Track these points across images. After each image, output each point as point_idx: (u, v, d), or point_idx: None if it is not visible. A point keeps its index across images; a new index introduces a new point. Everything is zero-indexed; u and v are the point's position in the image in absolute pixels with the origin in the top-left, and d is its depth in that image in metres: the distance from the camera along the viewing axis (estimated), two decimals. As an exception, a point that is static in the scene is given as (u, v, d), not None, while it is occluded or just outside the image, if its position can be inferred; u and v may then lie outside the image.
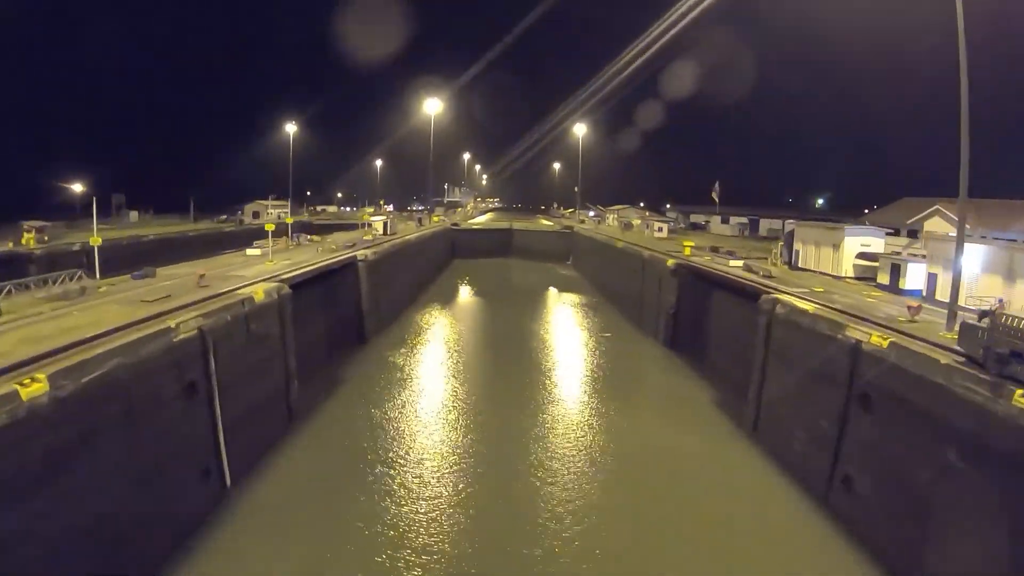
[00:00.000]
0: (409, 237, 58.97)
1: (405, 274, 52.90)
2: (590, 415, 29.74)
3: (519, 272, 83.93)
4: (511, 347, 42.35)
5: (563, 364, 38.78)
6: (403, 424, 27.71)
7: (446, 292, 62.99)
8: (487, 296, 62.73)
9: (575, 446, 25.72)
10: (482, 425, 27.68)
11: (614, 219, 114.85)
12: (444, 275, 75.58)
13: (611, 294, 61.17)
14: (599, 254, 69.55)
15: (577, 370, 37.55)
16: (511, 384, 34.42)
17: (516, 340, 44.23)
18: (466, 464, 23.62)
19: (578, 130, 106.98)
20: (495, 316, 52.98)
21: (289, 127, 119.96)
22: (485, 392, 32.76)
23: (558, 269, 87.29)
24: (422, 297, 58.24)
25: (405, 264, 53.56)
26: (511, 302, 59.69)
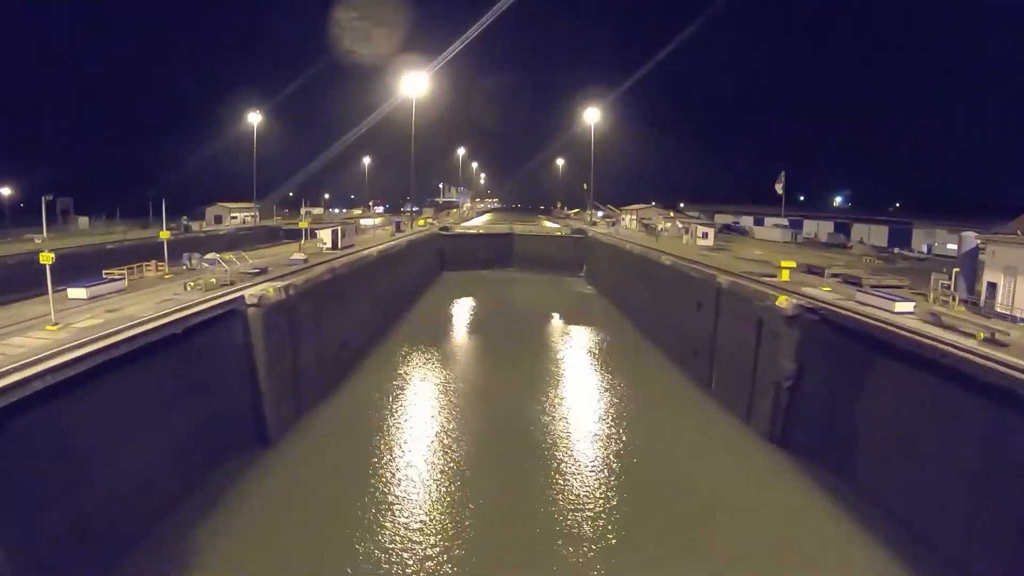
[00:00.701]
0: (369, 251, 42.93)
1: (356, 311, 36.99)
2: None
3: (523, 290, 67.84)
4: (512, 446, 26.00)
5: (604, 487, 22.61)
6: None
7: (423, 328, 46.74)
8: (480, 332, 46.60)
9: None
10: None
11: (631, 221, 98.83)
12: (425, 298, 59.48)
13: (650, 327, 45.18)
14: (627, 268, 53.55)
15: (629, 501, 21.47)
16: (518, 543, 18.53)
17: (520, 431, 27.90)
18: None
19: (590, 116, 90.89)
20: (489, 373, 36.72)
21: (252, 117, 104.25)
22: (472, 557, 16.99)
23: (571, 284, 71.23)
24: (385, 340, 42.06)
25: (358, 294, 37.66)
26: (513, 343, 43.63)
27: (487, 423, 28.25)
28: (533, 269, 79.16)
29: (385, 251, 46.50)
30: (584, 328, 47.62)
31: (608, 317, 52.46)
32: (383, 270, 44.51)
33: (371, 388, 32.35)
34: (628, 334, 46.30)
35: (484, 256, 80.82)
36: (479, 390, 32.62)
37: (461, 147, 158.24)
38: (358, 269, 38.14)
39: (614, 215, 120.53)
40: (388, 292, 45.86)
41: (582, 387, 34.07)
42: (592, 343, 43.55)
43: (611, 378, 35.63)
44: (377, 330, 41.21)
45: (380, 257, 43.78)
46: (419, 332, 44.63)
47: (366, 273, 39.69)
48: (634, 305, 49.67)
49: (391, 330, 43.84)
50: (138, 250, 59.72)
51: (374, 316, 40.61)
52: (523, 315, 52.04)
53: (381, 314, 42.68)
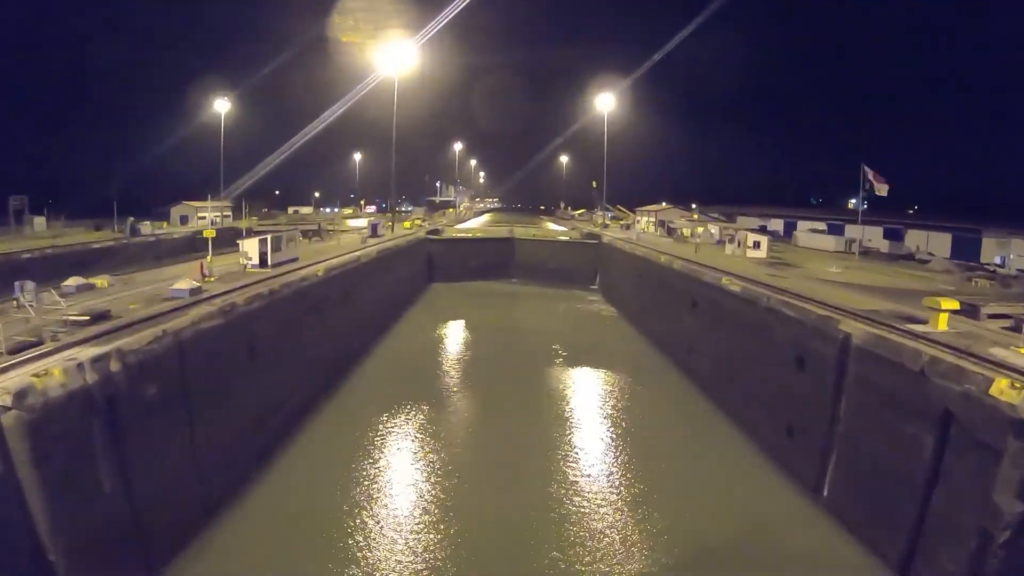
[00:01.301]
0: (313, 270, 30.73)
1: (286, 362, 24.81)
2: None
3: (524, 309, 55.54)
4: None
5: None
6: None
7: (391, 376, 33.80)
8: (465, 386, 33.55)
9: None
10: None
11: (647, 224, 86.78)
12: (402, 324, 47.13)
13: (709, 379, 32.90)
14: (665, 289, 41.35)
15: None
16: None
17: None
18: None
19: (603, 103, 78.84)
20: (476, 468, 24.44)
21: (220, 104, 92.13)
22: None
23: (583, 301, 58.94)
24: (336, 398, 29.57)
25: (288, 338, 25.37)
26: (512, 403, 31.01)
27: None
28: (537, 281, 67.00)
29: (341, 268, 34.29)
30: (611, 376, 35.31)
31: (640, 356, 40.17)
32: (335, 296, 32.33)
33: (293, 493, 20.18)
34: (673, 385, 34.03)
35: (479, 265, 68.67)
36: (461, 501, 20.40)
37: (458, 142, 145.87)
38: (288, 300, 25.92)
39: (624, 216, 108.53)
40: (347, 324, 33.69)
41: (622, 486, 21.88)
42: (625, 402, 31.21)
43: (661, 464, 23.49)
44: (324, 383, 28.94)
45: (329, 279, 31.53)
46: (386, 383, 32.26)
47: (302, 305, 27.47)
48: (678, 342, 37.40)
49: (345, 381, 31.43)
50: (61, 260, 49.59)
51: (318, 364, 28.36)
52: (524, 352, 39.75)
53: (331, 359, 30.45)
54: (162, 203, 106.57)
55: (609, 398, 31.50)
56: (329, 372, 29.77)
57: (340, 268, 33.84)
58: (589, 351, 40.21)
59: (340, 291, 33.23)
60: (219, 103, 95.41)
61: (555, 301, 58.21)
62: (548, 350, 39.63)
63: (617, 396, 31.81)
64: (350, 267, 35.54)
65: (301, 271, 29.88)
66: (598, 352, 40.08)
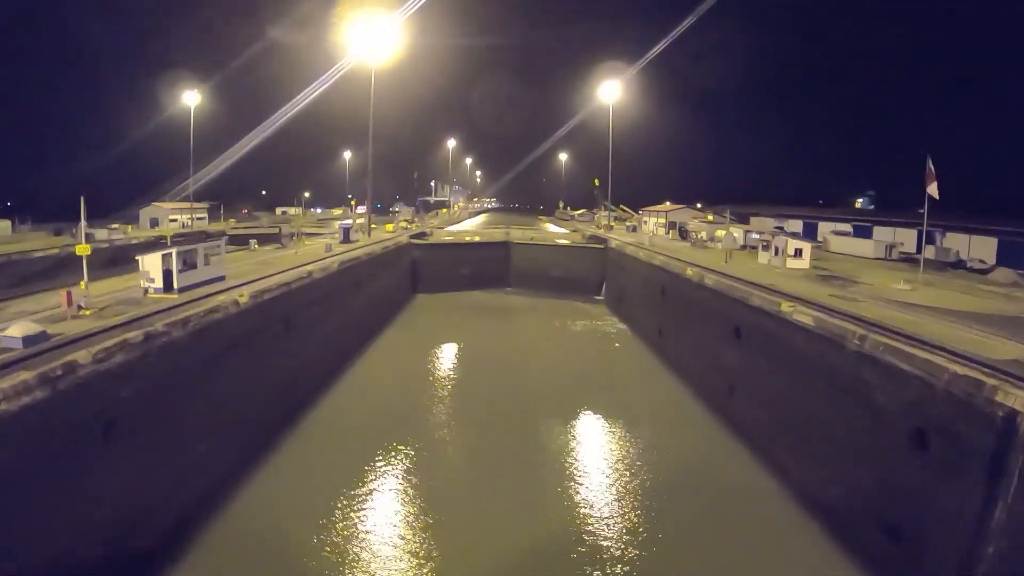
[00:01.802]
0: (234, 295, 23.06)
1: (174, 442, 17.21)
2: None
3: (522, 328, 47.87)
4: None
5: None
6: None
7: (334, 441, 25.98)
8: (439, 446, 25.92)
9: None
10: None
11: (656, 226, 79.18)
12: (369, 351, 39.43)
13: (772, 443, 25.35)
14: (697, 311, 33.69)
15: None
16: None
17: None
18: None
19: (606, 93, 71.33)
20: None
21: (189, 97, 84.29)
22: None
23: (589, 316, 51.23)
24: (262, 475, 22.05)
25: (171, 405, 17.72)
26: (504, 478, 23.33)
27: None
28: (535, 290, 59.44)
29: (279, 290, 26.54)
30: (630, 430, 27.70)
31: (663, 395, 32.63)
32: (268, 328, 24.72)
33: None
34: (709, 437, 26.49)
35: (471, 273, 61.08)
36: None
37: (452, 139, 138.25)
38: (177, 346, 18.28)
39: (628, 216, 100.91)
40: (283, 366, 26.00)
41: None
42: (652, 468, 23.69)
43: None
44: (229, 469, 21.19)
45: (256, 307, 23.85)
46: (331, 452, 24.58)
47: (206, 349, 19.85)
48: (714, 379, 29.83)
49: (272, 455, 23.67)
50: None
51: (223, 439, 20.66)
52: (519, 397, 31.98)
53: (251, 423, 22.78)
54: (135, 203, 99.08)
55: (631, 465, 23.85)
56: (245, 445, 22.06)
57: (278, 290, 26.14)
58: (601, 391, 32.54)
59: (277, 320, 25.59)
60: (188, 95, 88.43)
61: (556, 316, 50.59)
62: (549, 392, 31.97)
63: (642, 460, 24.18)
64: (295, 287, 27.81)
65: (216, 297, 22.25)
66: (612, 392, 32.38)
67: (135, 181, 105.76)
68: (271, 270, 30.41)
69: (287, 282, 27.40)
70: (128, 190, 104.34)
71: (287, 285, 27.15)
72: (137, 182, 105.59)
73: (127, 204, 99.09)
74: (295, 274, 29.14)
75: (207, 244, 25.64)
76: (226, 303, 21.90)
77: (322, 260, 35.25)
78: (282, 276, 28.23)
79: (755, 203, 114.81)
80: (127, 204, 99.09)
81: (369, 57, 53.85)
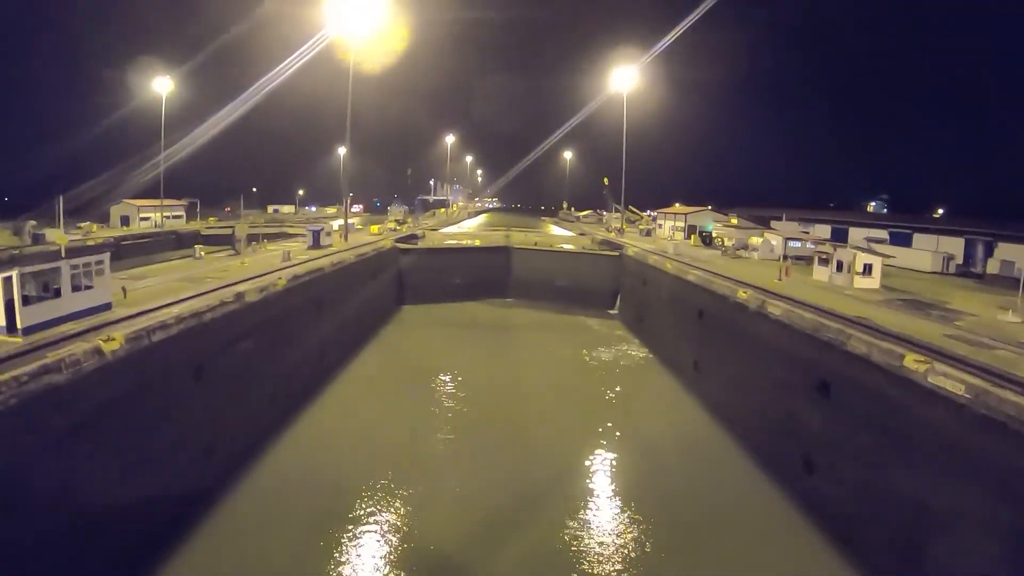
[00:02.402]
0: (102, 341, 15.24)
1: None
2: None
3: (523, 350, 39.99)
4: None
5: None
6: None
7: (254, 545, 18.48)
8: (411, 527, 18.60)
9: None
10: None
11: (672, 230, 71.50)
12: (334, 384, 31.70)
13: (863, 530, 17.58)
14: (758, 349, 25.81)
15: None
16: None
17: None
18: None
19: (620, 82, 63.52)
20: None
21: (159, 84, 76.71)
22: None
23: (604, 339, 43.32)
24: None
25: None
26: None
27: None
28: (539, 302, 51.72)
29: (189, 322, 18.73)
30: (665, 511, 20.02)
31: (703, 450, 24.97)
32: (173, 378, 17.04)
33: None
34: (793, 544, 18.75)
35: (465, 282, 53.36)
36: None
37: (450, 134, 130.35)
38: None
39: (638, 219, 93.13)
40: (190, 430, 18.30)
41: None
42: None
43: None
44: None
45: (142, 354, 16.10)
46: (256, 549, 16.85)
47: (53, 421, 12.17)
48: (789, 444, 22.10)
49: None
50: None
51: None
52: (522, 453, 24.38)
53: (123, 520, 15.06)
54: (110, 199, 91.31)
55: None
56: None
57: (184, 323, 18.39)
58: (624, 447, 24.81)
59: (180, 368, 17.88)
60: (159, 82, 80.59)
61: (564, 336, 42.81)
62: (557, 455, 24.17)
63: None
64: (212, 318, 20.01)
65: (78, 345, 14.55)
66: (638, 451, 24.62)
67: (107, 172, 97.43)
68: (191, 290, 22.67)
69: (200, 311, 19.60)
70: (105, 184, 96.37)
71: (198, 316, 19.34)
72: (109, 173, 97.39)
73: (103, 200, 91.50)
74: (218, 297, 21.33)
75: (79, 260, 17.87)
76: (84, 353, 14.17)
77: (270, 274, 27.47)
78: (198, 301, 20.44)
79: (765, 205, 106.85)
80: (103, 200, 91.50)
81: (351, 31, 46.09)
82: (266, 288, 24.53)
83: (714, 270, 35.39)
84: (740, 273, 34.03)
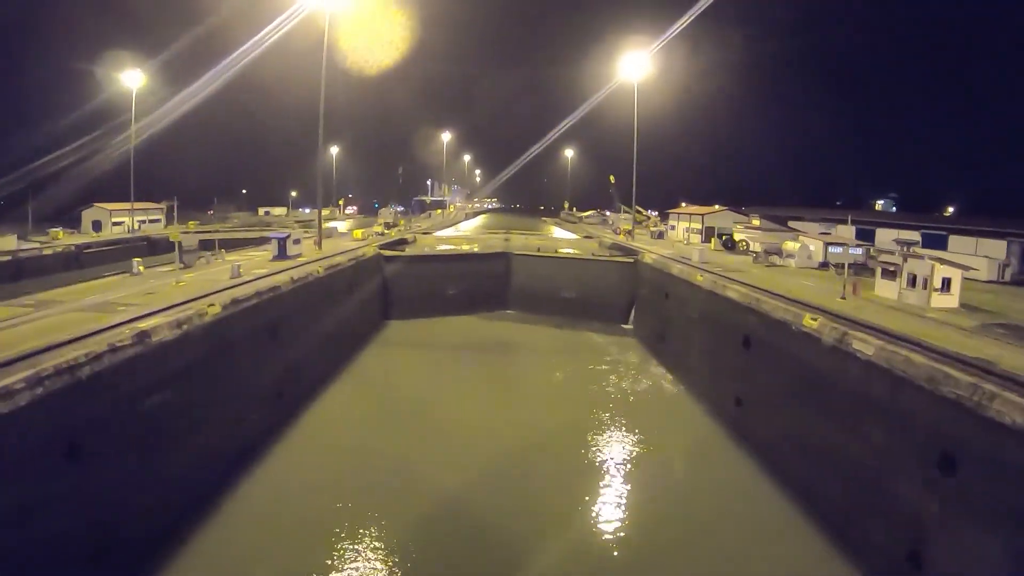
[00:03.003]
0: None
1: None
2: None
3: (527, 376, 33.96)
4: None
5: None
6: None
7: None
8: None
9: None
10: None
11: (686, 231, 65.57)
12: (291, 432, 25.75)
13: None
14: (840, 396, 19.81)
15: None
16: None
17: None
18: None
19: (628, 69, 57.52)
20: None
21: (128, 77, 70.79)
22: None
23: (618, 359, 37.41)
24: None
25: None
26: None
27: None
28: (543, 316, 45.77)
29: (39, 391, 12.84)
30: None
31: (760, 520, 19.13)
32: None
33: None
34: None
35: (459, 293, 47.42)
36: None
37: (446, 131, 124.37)
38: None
39: (644, 219, 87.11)
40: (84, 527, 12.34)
41: None
42: None
43: None
44: None
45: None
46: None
47: None
48: (884, 528, 16.23)
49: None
50: None
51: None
52: (531, 513, 18.65)
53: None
54: (77, 203, 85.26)
55: None
56: None
57: (55, 382, 12.54)
58: (657, 517, 18.98)
59: (55, 441, 12.03)
60: (129, 75, 74.52)
61: (573, 360, 36.81)
62: (572, 534, 18.32)
63: None
64: (86, 375, 14.03)
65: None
66: (683, 532, 18.75)
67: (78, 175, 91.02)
68: (82, 328, 16.74)
69: (78, 363, 13.67)
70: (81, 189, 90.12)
71: (73, 371, 13.40)
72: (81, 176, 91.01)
73: (76, 202, 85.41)
74: (109, 340, 15.34)
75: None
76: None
77: (201, 299, 21.49)
78: (75, 349, 14.48)
79: (769, 203, 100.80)
80: (76, 202, 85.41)
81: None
82: (188, 320, 18.54)
83: (754, 283, 29.48)
84: (788, 288, 28.10)
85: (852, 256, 42.61)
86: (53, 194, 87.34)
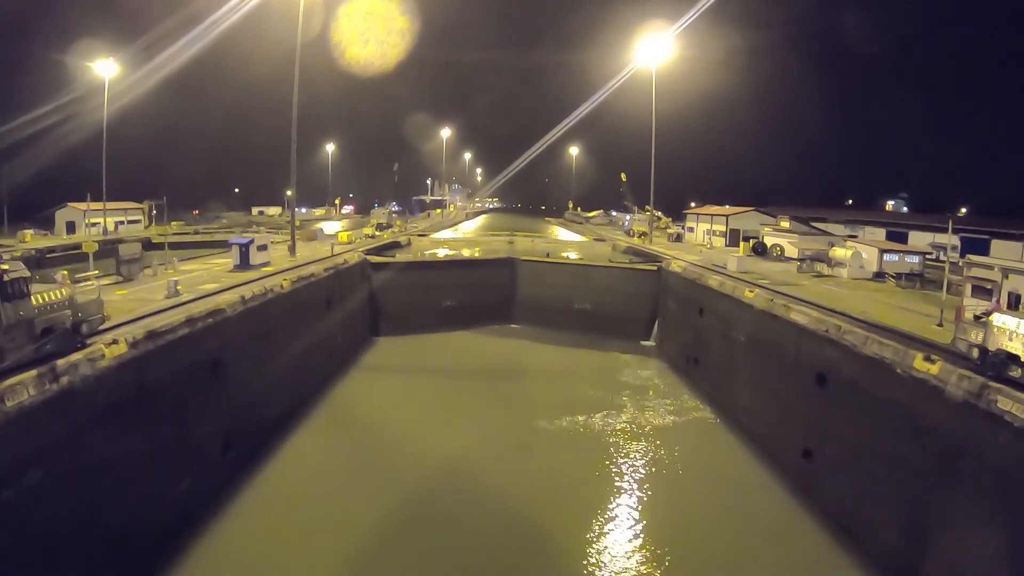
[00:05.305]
0: None
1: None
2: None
3: (539, 410, 27.90)
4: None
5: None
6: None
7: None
8: None
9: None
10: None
11: (707, 234, 59.94)
12: (239, 498, 20.08)
13: None
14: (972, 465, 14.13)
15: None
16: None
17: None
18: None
19: (645, 53, 51.72)
20: None
21: (101, 67, 65.20)
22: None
23: (646, 387, 31.74)
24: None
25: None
26: None
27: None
28: (553, 332, 40.16)
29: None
30: None
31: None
32: None
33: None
34: None
35: (459, 304, 41.80)
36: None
37: (446, 128, 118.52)
38: None
39: (658, 221, 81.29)
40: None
41: None
42: None
43: None
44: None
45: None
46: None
47: None
48: None
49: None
50: None
51: None
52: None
53: None
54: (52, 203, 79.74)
55: None
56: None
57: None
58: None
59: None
60: (102, 64, 68.92)
61: (592, 387, 31.02)
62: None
63: None
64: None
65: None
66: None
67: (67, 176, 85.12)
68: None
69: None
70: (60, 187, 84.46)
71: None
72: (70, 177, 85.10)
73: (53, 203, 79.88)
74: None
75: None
76: None
77: (108, 331, 15.96)
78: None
79: (779, 203, 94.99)
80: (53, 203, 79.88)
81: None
82: (76, 367, 13.00)
83: (817, 300, 23.86)
84: (861, 308, 22.44)
85: (908, 265, 37.19)
86: (33, 193, 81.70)
